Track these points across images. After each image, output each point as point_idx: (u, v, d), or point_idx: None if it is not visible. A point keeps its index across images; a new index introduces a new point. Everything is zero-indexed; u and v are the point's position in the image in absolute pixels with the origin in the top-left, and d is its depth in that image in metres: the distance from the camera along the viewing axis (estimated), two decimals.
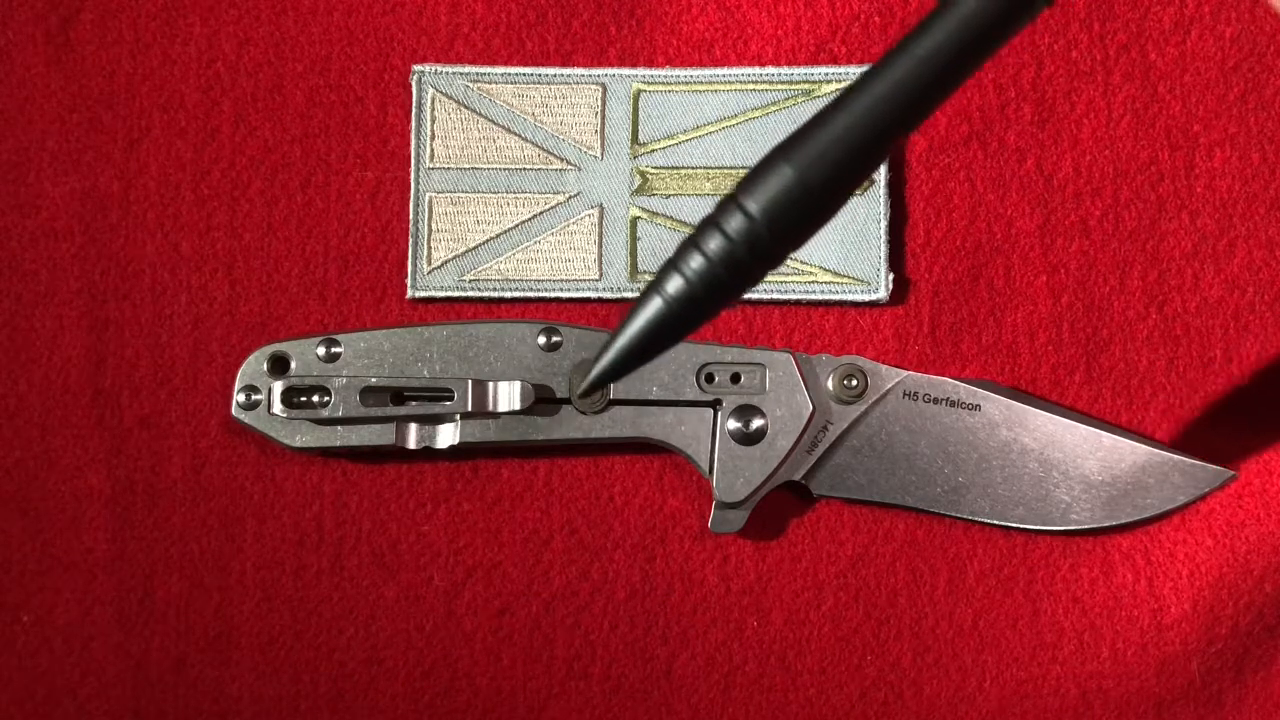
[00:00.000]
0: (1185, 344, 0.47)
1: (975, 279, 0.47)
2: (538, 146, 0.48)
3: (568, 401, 0.45)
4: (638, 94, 0.48)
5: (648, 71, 0.48)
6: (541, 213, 0.48)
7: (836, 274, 0.47)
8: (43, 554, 0.46)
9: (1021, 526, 0.46)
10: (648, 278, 0.47)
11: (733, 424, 0.45)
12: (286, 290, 0.47)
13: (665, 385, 0.45)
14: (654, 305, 0.31)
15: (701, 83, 0.48)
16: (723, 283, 0.31)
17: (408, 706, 0.46)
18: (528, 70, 0.48)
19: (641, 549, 0.46)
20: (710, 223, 0.31)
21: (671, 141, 0.48)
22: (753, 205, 0.30)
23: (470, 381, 0.44)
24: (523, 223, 0.47)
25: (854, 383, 0.45)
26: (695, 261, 0.30)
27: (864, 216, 0.47)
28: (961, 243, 0.48)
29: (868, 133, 0.30)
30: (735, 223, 0.30)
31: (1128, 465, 0.45)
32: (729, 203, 0.31)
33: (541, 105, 0.48)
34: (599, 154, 0.48)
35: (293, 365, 0.45)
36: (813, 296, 0.47)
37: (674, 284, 0.31)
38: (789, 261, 0.47)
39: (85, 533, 0.46)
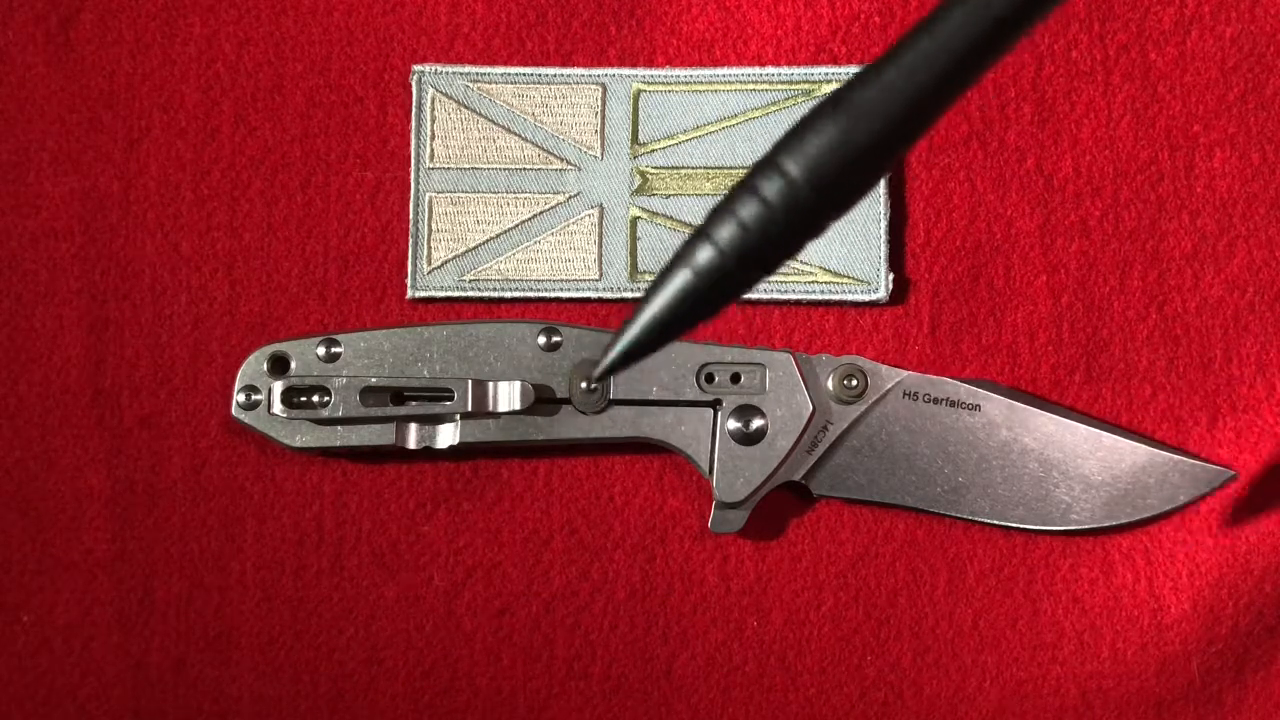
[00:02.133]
0: (1185, 344, 0.47)
1: (975, 279, 0.47)
2: (538, 146, 0.48)
3: (568, 401, 0.45)
4: (638, 94, 0.48)
5: (648, 71, 0.48)
6: (541, 213, 0.48)
7: (836, 274, 0.47)
8: (43, 554, 0.46)
9: (1021, 526, 0.46)
10: (648, 278, 0.47)
11: (733, 424, 0.45)
12: (286, 290, 0.47)
13: (665, 385, 0.45)
14: (680, 278, 0.28)
15: (701, 83, 0.48)
16: (758, 254, 0.28)
17: (408, 706, 0.46)
18: (528, 70, 0.48)
19: (641, 549, 0.46)
20: (745, 187, 0.28)
21: (671, 141, 0.48)
22: (793, 166, 0.27)
23: (470, 381, 0.44)
24: (523, 223, 0.47)
25: (854, 383, 0.45)
26: (728, 229, 0.27)
27: (864, 216, 0.47)
28: (961, 243, 0.48)
29: (921, 85, 0.27)
30: (773, 186, 0.27)
31: (1128, 465, 0.45)
32: (766, 165, 0.28)
33: (541, 105, 0.48)
34: (599, 154, 0.48)
35: (293, 365, 0.45)
36: (813, 296, 0.47)
37: (703, 254, 0.28)
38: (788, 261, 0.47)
39: (85, 533, 0.46)
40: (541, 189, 0.48)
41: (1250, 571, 0.45)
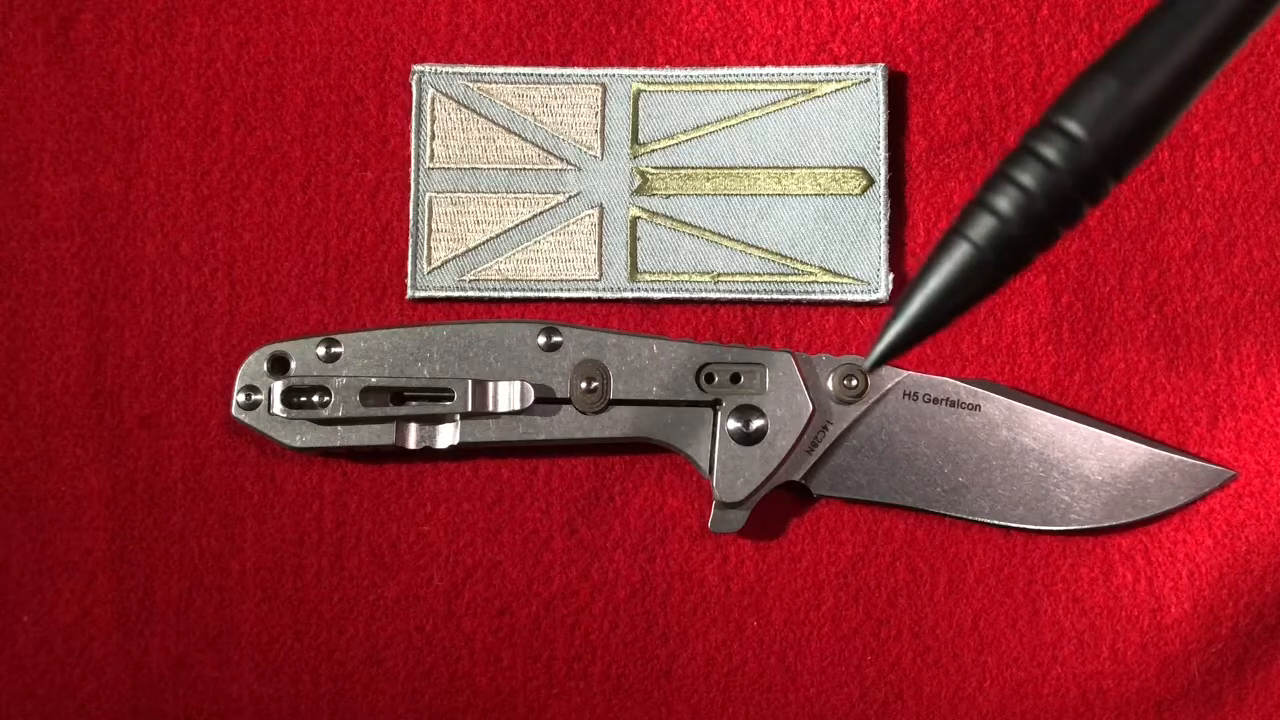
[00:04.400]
0: (1185, 344, 0.47)
1: None
2: (538, 146, 0.48)
3: (568, 401, 0.45)
4: (638, 94, 0.48)
5: (648, 71, 0.48)
6: (541, 213, 0.47)
7: (836, 274, 0.47)
8: (43, 554, 0.46)
9: (1021, 526, 0.46)
10: (648, 278, 0.47)
11: (733, 424, 0.45)
12: (286, 290, 0.47)
13: (665, 385, 0.45)
14: (959, 252, 0.26)
15: (701, 83, 0.48)
16: (1044, 219, 0.26)
17: (408, 706, 0.46)
18: (528, 70, 0.48)
19: (641, 549, 0.46)
20: (1024, 151, 0.26)
21: (671, 141, 0.48)
22: (1074, 125, 0.26)
23: (470, 381, 0.44)
24: (523, 223, 0.47)
25: (854, 383, 0.45)
26: (1007, 196, 0.26)
27: (864, 216, 0.47)
28: None
29: (1207, 28, 0.25)
30: (1056, 146, 0.26)
31: (1128, 465, 0.45)
32: (1042, 127, 0.26)
33: (541, 105, 0.48)
34: (599, 154, 0.48)
35: (293, 365, 0.45)
36: (813, 296, 0.47)
37: (983, 224, 0.26)
38: (788, 261, 0.47)
39: (85, 533, 0.46)
40: (541, 189, 0.48)
41: (1250, 571, 0.45)
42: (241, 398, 0.45)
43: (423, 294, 0.47)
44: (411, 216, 0.47)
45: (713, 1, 0.49)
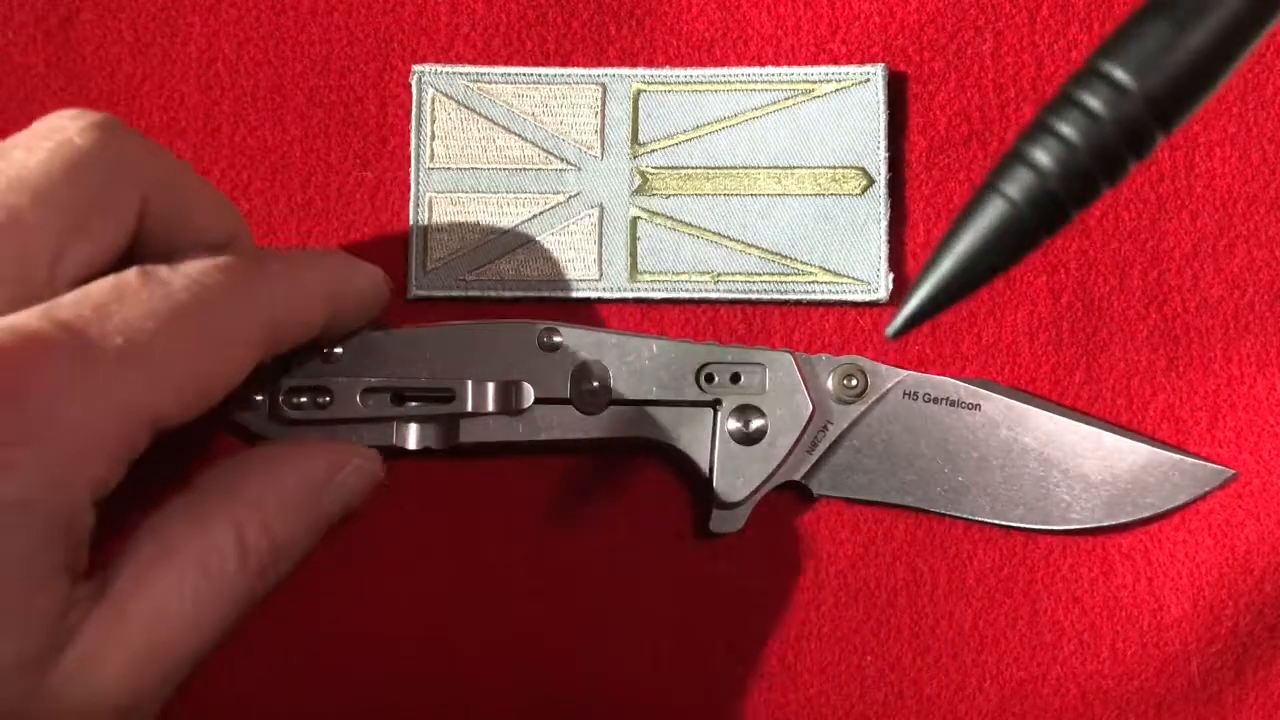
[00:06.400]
0: (1185, 344, 0.47)
1: None
2: (538, 146, 0.48)
3: (568, 401, 0.45)
4: (638, 94, 0.48)
5: (648, 71, 0.48)
6: (541, 213, 0.47)
7: (836, 274, 0.47)
8: None
9: (1021, 526, 0.46)
10: (648, 278, 0.47)
11: (733, 424, 0.45)
12: None
13: (665, 385, 0.45)
14: (993, 209, 0.25)
15: (701, 83, 0.48)
16: (1086, 174, 0.25)
17: (411, 706, 0.46)
18: (528, 70, 0.48)
19: (641, 549, 0.46)
20: (1065, 100, 0.25)
21: (671, 141, 0.48)
22: (1122, 72, 0.24)
23: (470, 381, 0.44)
24: (523, 223, 0.47)
25: (854, 383, 0.45)
26: (1047, 149, 0.25)
27: (864, 216, 0.47)
28: None
29: None
30: (1100, 95, 0.25)
31: (1128, 465, 0.45)
32: (1086, 74, 0.25)
33: (541, 105, 0.48)
34: (599, 154, 0.48)
35: (293, 365, 0.45)
36: (813, 296, 0.47)
37: (1020, 178, 0.25)
38: (788, 261, 0.47)
39: None
40: (541, 189, 0.48)
41: (1250, 571, 0.45)
42: (241, 398, 0.45)
43: (423, 294, 0.47)
44: (411, 216, 0.47)
45: (713, 1, 0.49)
